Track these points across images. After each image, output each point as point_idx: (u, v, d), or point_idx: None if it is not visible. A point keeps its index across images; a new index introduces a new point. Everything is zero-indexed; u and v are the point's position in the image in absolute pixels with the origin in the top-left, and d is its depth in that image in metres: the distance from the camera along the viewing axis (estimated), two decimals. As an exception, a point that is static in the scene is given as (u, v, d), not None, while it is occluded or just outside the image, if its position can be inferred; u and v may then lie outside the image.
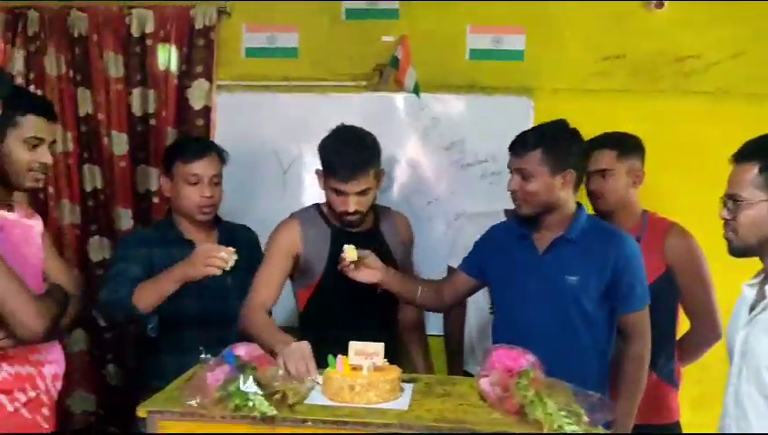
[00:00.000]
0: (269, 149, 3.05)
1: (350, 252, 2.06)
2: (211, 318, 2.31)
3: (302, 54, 3.07)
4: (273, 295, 2.22)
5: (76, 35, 3.02)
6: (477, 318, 2.66)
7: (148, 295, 2.15)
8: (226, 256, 2.02)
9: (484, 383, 1.69)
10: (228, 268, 2.03)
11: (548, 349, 1.73)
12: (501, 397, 1.63)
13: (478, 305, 2.61)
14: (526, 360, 1.67)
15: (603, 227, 2.15)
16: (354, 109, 2.99)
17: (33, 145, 1.86)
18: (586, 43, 2.99)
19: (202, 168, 2.32)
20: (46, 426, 1.95)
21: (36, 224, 2.05)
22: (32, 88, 3.00)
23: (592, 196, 2.42)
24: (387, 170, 2.52)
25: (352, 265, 2.08)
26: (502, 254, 2.17)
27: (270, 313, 2.25)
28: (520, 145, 2.06)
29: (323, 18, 3.05)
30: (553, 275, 2.06)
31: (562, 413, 1.52)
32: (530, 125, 2.90)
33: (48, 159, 1.90)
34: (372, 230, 2.34)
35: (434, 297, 2.28)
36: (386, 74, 3.03)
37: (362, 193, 2.18)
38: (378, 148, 2.24)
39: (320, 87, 3.06)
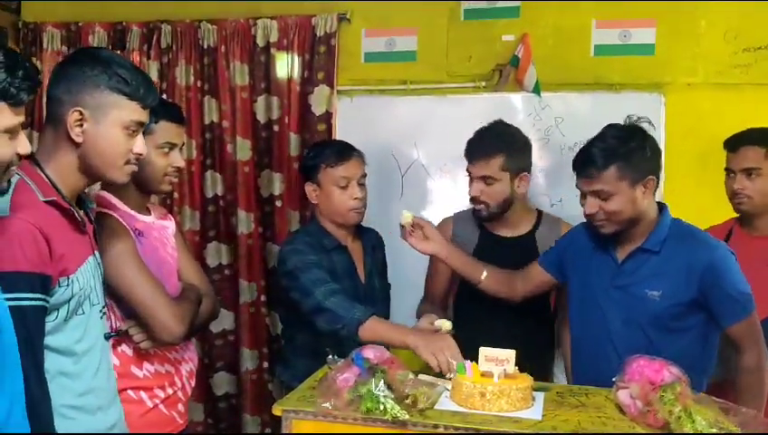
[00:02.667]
0: (388, 152, 3.06)
1: (404, 217, 2.12)
2: None
3: (421, 57, 3.07)
4: (437, 288, 2.43)
5: (205, 47, 3.17)
6: None
7: (374, 336, 1.98)
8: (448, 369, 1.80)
9: (624, 395, 1.60)
10: (447, 377, 1.78)
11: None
12: (643, 411, 1.54)
13: None
14: (670, 372, 1.57)
15: (689, 234, 1.96)
16: (473, 110, 2.96)
17: (168, 150, 1.93)
18: (723, 34, 2.80)
19: (350, 169, 2.30)
20: (180, 421, 2.04)
21: (170, 225, 2.15)
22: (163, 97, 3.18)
23: (736, 196, 2.25)
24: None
25: (410, 231, 2.11)
26: (582, 257, 2.06)
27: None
28: (590, 166, 1.89)
29: (442, 20, 3.04)
30: (632, 287, 1.93)
31: (714, 430, 1.41)
32: (662, 122, 2.76)
33: (181, 163, 1.98)
34: (527, 236, 2.33)
35: (503, 284, 2.18)
36: (506, 74, 2.97)
37: (486, 180, 2.23)
38: (514, 142, 2.28)
39: (438, 89, 3.04)
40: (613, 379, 1.67)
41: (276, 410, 1.61)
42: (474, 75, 3.02)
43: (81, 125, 1.54)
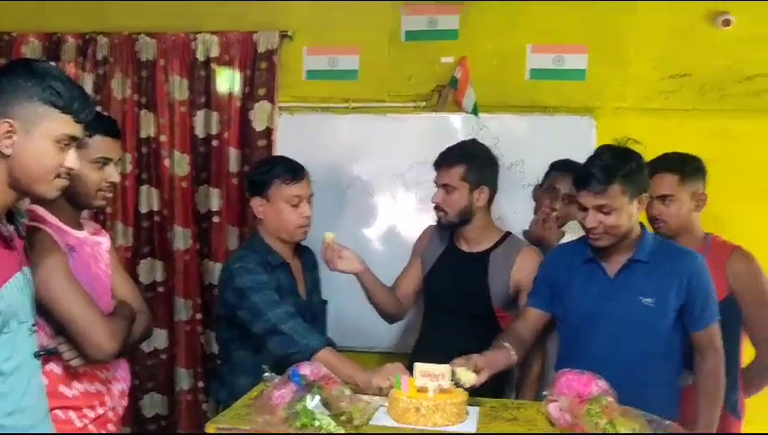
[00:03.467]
0: (329, 169, 3.07)
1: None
2: None
3: (362, 76, 3.10)
4: (406, 285, 2.48)
5: (143, 60, 3.13)
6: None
7: (328, 364, 1.93)
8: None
9: (553, 409, 1.65)
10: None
11: (623, 375, 1.69)
12: (571, 424, 1.59)
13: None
14: (597, 386, 1.63)
15: (671, 246, 2.10)
16: (413, 129, 3.01)
17: (102, 165, 1.89)
18: (651, 62, 2.94)
19: (303, 188, 2.31)
20: None
21: (104, 241, 2.09)
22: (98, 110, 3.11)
23: (654, 221, 2.35)
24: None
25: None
26: (569, 280, 2.11)
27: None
28: (596, 181, 1.96)
29: (383, 40, 3.08)
30: (627, 298, 2.01)
31: (637, 441, 1.47)
32: (592, 145, 2.85)
33: (116, 178, 1.94)
34: (483, 254, 2.36)
35: (524, 349, 2.12)
36: (445, 95, 3.03)
37: (447, 189, 2.31)
38: (476, 156, 2.35)
39: (379, 108, 3.09)
40: (543, 392, 1.72)
41: (210, 428, 1.60)
42: (414, 95, 3.07)
43: (11, 137, 1.50)
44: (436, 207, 2.35)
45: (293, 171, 2.33)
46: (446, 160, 2.33)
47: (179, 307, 3.15)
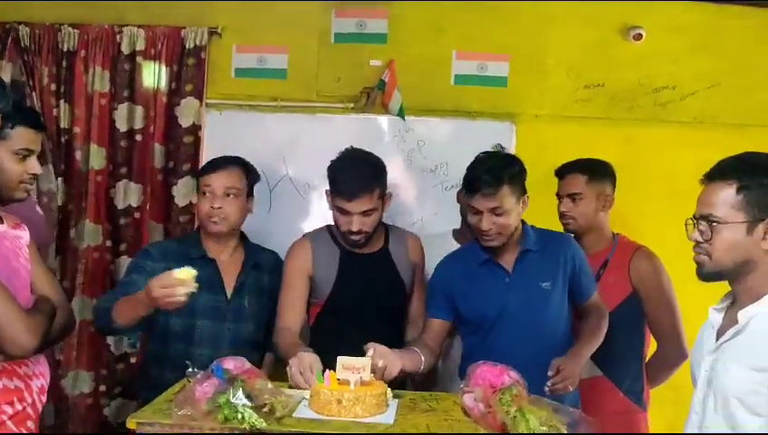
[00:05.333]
0: (258, 167, 3.05)
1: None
2: (223, 340, 2.30)
3: (291, 75, 3.13)
4: (297, 318, 2.27)
5: (65, 50, 3.05)
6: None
7: (126, 314, 2.10)
8: (183, 291, 1.89)
9: (468, 399, 1.73)
10: (194, 290, 1.90)
11: (532, 362, 1.83)
12: (484, 413, 1.67)
13: None
14: (509, 376, 1.71)
15: (549, 234, 2.29)
16: (341, 130, 3.05)
17: (23, 156, 1.86)
18: (568, 72, 3.09)
19: (215, 179, 2.32)
20: None
21: (24, 235, 2.04)
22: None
23: (563, 217, 2.50)
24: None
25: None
26: (468, 285, 2.21)
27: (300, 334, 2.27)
28: (486, 185, 2.08)
29: (313, 41, 3.12)
30: (528, 286, 2.16)
31: (544, 428, 1.56)
32: (512, 149, 2.99)
33: (38, 170, 1.91)
34: (381, 251, 2.36)
35: (435, 356, 2.25)
36: (372, 97, 3.10)
37: (366, 213, 2.21)
38: (383, 170, 2.28)
39: (308, 108, 3.12)
40: (461, 385, 1.80)
41: (130, 423, 1.59)
42: (342, 96, 3.12)
43: None
44: (358, 232, 2.23)
45: (211, 164, 2.41)
46: (362, 188, 2.19)
47: (86, 305, 3.04)
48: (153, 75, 3.05)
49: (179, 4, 3.09)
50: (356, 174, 2.21)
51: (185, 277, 1.88)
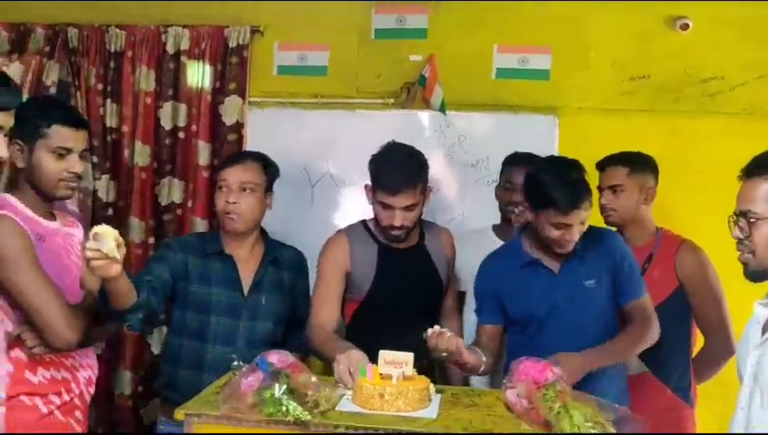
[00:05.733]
0: (298, 164, 3.12)
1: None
2: (238, 338, 2.27)
3: (332, 72, 3.15)
4: (332, 314, 2.24)
5: (112, 51, 3.13)
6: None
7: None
8: (93, 245, 1.67)
9: (511, 395, 1.72)
10: (108, 252, 1.67)
11: None
12: (527, 409, 1.66)
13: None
14: (553, 372, 1.70)
15: (594, 230, 2.19)
16: (381, 126, 3.06)
17: (61, 154, 1.90)
18: (612, 64, 3.04)
19: (231, 174, 2.29)
20: (78, 429, 2.00)
21: (77, 232, 2.11)
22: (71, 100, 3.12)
23: (603, 210, 2.47)
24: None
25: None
26: (510, 286, 2.17)
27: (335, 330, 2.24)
28: (580, 197, 2.03)
29: (353, 37, 3.14)
30: (574, 286, 2.12)
31: (589, 425, 1.55)
32: (555, 143, 2.95)
33: (78, 169, 1.94)
34: (418, 245, 2.36)
35: (491, 355, 2.17)
36: (413, 92, 3.10)
37: (408, 208, 2.20)
38: (425, 164, 2.27)
39: (348, 104, 3.14)
40: (504, 380, 1.80)
41: (178, 413, 1.63)
42: (382, 92, 3.13)
43: None
44: (400, 228, 2.22)
45: (230, 159, 2.41)
46: (406, 182, 2.18)
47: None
48: (197, 74, 3.11)
49: (223, 3, 3.14)
50: (400, 168, 2.19)
51: (101, 231, 1.68)
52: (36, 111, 1.89)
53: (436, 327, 1.91)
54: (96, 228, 1.70)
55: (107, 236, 1.67)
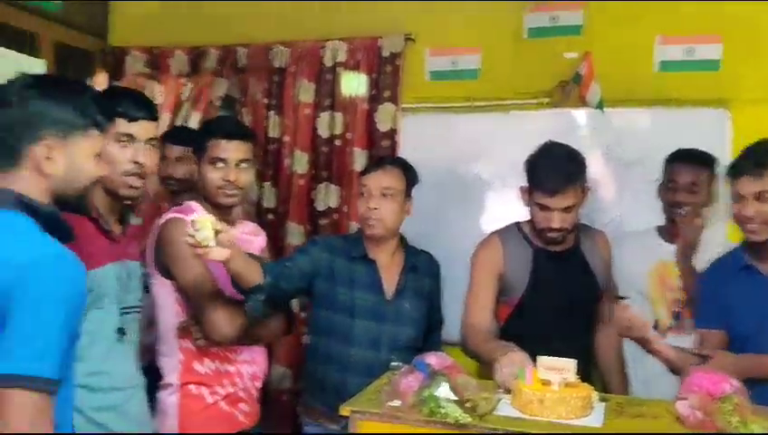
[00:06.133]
0: (450, 168, 3.13)
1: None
2: (382, 341, 2.28)
3: (484, 75, 3.14)
4: (487, 316, 2.24)
5: (276, 67, 3.34)
6: None
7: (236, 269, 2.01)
8: (197, 235, 1.78)
9: (682, 406, 1.63)
10: (202, 241, 1.78)
11: None
12: (701, 421, 1.56)
13: None
14: (730, 384, 1.59)
15: None
16: (535, 126, 3.00)
17: (217, 164, 2.08)
18: (790, 50, 2.77)
19: (372, 179, 2.31)
20: (244, 421, 2.15)
21: (257, 240, 2.28)
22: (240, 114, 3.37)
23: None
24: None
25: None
26: (727, 291, 2.02)
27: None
28: (755, 166, 1.89)
29: (505, 38, 3.11)
30: None
31: (772, 441, 1.43)
32: (727, 138, 2.75)
33: (232, 177, 2.07)
34: (573, 248, 2.31)
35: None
36: (567, 91, 3.01)
37: (567, 209, 2.15)
38: (584, 164, 2.21)
39: (501, 106, 3.10)
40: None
41: (344, 410, 1.70)
42: (536, 92, 3.07)
43: None
44: (558, 230, 2.16)
45: (371, 164, 2.47)
46: (565, 182, 2.13)
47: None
48: (353, 84, 3.22)
49: (377, 15, 3.22)
50: (558, 168, 2.14)
51: (198, 220, 1.79)
52: (203, 127, 2.07)
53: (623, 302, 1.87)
54: (193, 217, 1.84)
55: (203, 226, 1.77)
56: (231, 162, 2.08)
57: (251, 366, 2.16)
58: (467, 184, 3.14)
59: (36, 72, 3.15)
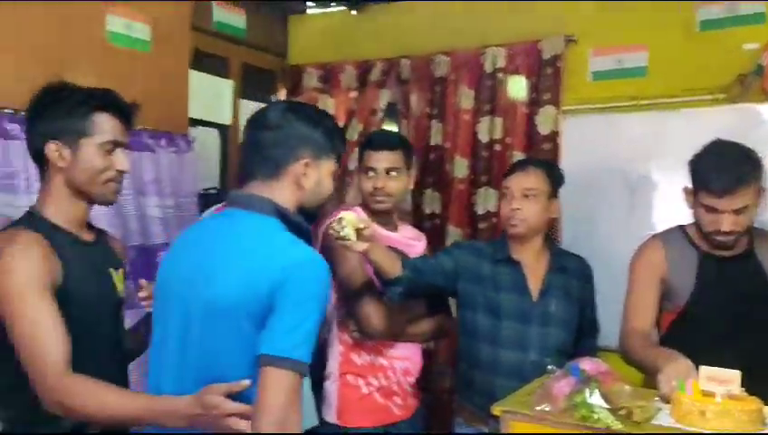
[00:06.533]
0: (615, 170, 3.04)
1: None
2: (530, 343, 2.27)
3: (652, 72, 3.01)
4: (648, 321, 2.16)
5: (437, 76, 3.43)
6: None
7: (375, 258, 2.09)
8: (337, 227, 1.95)
9: None
10: (345, 236, 1.93)
11: None
12: None
13: None
14: None
15: None
16: (710, 123, 2.80)
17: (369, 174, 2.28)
18: None
19: (513, 181, 2.32)
20: (399, 413, 2.28)
21: (419, 245, 2.42)
22: (393, 125, 3.55)
23: None
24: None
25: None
26: None
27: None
28: None
29: (675, 33, 2.96)
30: None
31: None
32: None
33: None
34: (746, 254, 2.14)
35: None
36: (748, 84, 2.80)
37: (739, 211, 2.00)
38: (758, 162, 2.05)
39: (670, 103, 2.96)
40: None
41: (496, 410, 1.75)
42: (710, 87, 2.88)
43: None
44: (729, 233, 2.02)
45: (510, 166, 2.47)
46: (738, 181, 1.98)
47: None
48: (513, 88, 3.23)
49: (537, 18, 3.21)
50: (727, 167, 2.00)
51: (344, 217, 1.95)
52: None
53: None
54: (342, 213, 1.98)
55: (348, 223, 1.94)
56: (380, 171, 2.24)
57: (404, 362, 2.29)
58: (633, 186, 3.03)
59: (227, 91, 3.61)
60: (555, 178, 2.35)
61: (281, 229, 1.53)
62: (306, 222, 1.61)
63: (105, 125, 1.65)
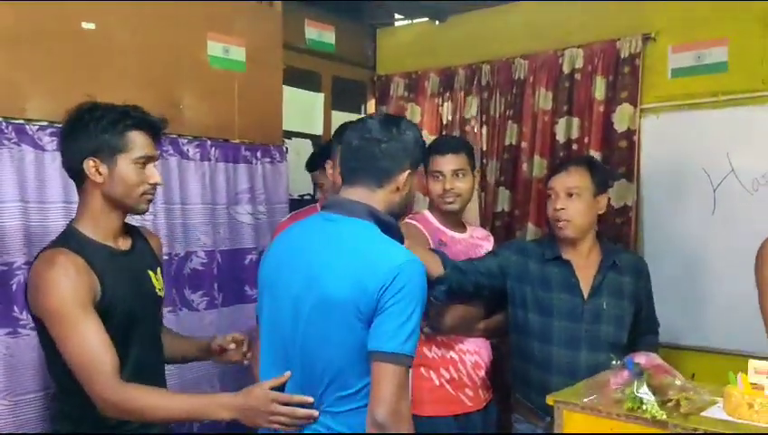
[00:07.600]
0: (697, 168, 3.00)
1: None
2: (581, 341, 2.30)
3: (733, 67, 2.95)
4: None
5: (516, 79, 3.52)
6: None
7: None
8: None
9: None
10: None
11: None
12: None
13: None
14: None
15: None
16: (796, 118, 2.76)
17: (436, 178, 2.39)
18: None
19: (556, 181, 2.35)
20: (470, 404, 2.40)
21: (485, 244, 2.54)
22: (477, 128, 3.65)
23: None
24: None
25: None
26: None
27: None
28: None
29: (755, 26, 2.89)
30: None
31: None
32: None
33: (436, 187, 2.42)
34: None
35: None
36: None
37: None
38: None
39: (754, 98, 2.89)
40: None
41: (550, 400, 1.85)
42: (794, 80, 2.81)
43: None
44: None
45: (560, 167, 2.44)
46: None
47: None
48: (590, 88, 3.26)
49: (615, 18, 3.23)
50: None
51: None
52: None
53: None
54: None
55: None
56: (447, 173, 2.37)
57: (473, 356, 2.41)
58: (718, 183, 2.98)
59: (319, 104, 3.86)
60: (599, 175, 2.37)
61: (379, 233, 1.66)
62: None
63: (139, 141, 1.74)
